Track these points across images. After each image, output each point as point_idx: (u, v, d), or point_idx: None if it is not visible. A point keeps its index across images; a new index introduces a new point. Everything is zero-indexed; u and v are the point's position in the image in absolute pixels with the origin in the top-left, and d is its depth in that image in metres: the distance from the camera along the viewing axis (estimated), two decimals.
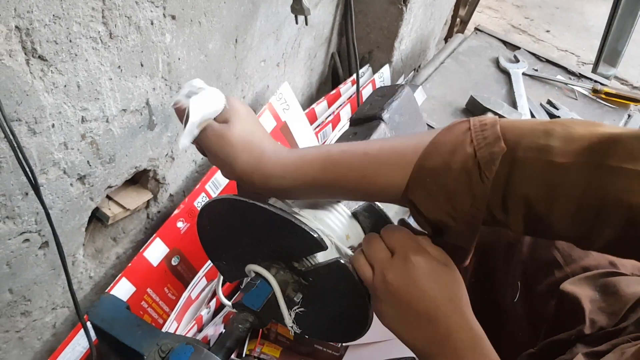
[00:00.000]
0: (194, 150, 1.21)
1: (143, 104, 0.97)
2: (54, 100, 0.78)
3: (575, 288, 0.82)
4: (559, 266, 0.89)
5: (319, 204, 0.72)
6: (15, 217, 0.82)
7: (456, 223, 0.59)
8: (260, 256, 0.71)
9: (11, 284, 0.89)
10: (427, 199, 0.59)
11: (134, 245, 1.19)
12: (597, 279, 0.83)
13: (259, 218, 0.66)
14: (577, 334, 0.78)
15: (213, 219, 0.73)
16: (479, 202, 0.57)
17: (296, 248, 0.67)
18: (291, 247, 0.67)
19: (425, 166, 0.59)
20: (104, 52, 0.83)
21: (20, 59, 0.70)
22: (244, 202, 0.66)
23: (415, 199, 0.60)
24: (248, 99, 1.36)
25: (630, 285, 0.80)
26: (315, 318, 0.72)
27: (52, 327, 1.05)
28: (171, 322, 1.11)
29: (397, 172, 0.61)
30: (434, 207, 0.59)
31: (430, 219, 0.60)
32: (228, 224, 0.72)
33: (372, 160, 0.63)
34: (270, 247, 0.69)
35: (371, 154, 0.63)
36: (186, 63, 1.03)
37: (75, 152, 0.87)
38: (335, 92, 1.65)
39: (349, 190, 0.65)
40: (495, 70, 1.79)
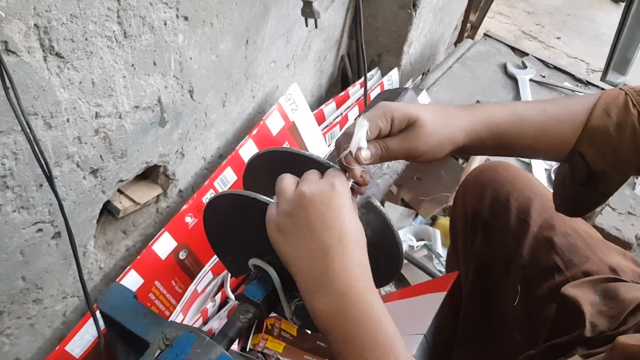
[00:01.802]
0: (203, 147, 1.25)
1: (155, 102, 1.00)
2: (70, 95, 0.81)
3: (576, 292, 0.83)
4: (560, 270, 0.90)
5: None
6: (30, 208, 0.86)
7: (615, 172, 0.73)
8: (264, 251, 0.74)
9: (24, 271, 0.92)
10: (595, 151, 0.73)
11: (143, 238, 1.22)
12: (598, 284, 0.84)
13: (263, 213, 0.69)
14: (577, 337, 0.79)
15: (218, 214, 0.75)
16: None
17: None
18: None
19: (594, 125, 0.72)
20: (119, 51, 0.86)
21: (38, 56, 0.73)
22: (248, 197, 0.68)
23: (584, 151, 0.73)
24: (258, 98, 1.39)
25: (631, 291, 0.80)
26: None
27: (62, 315, 1.08)
28: (177, 314, 1.14)
29: (570, 129, 0.73)
30: (600, 158, 0.73)
31: (594, 169, 0.73)
32: (233, 219, 0.74)
33: (550, 117, 0.74)
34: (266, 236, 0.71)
35: (549, 112, 0.74)
36: (198, 62, 1.06)
37: (89, 147, 0.90)
38: (344, 94, 1.68)
39: (526, 146, 0.75)
40: (503, 75, 1.81)
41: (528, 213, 0.98)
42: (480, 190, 1.06)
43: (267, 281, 0.70)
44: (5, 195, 0.80)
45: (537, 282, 0.92)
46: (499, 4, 3.28)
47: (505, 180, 1.05)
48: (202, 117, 1.17)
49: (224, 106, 1.24)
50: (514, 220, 0.99)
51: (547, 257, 0.92)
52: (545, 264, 0.92)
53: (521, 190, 1.02)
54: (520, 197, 1.01)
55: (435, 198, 1.96)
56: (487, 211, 1.03)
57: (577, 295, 0.82)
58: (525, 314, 0.94)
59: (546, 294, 0.90)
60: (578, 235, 0.93)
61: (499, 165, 1.10)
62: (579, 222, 0.97)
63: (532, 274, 0.93)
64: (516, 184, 1.03)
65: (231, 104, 1.27)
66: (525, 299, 0.94)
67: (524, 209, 0.99)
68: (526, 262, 0.94)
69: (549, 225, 0.95)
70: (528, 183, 1.04)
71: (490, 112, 0.73)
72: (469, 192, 1.10)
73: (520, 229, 0.97)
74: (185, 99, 1.09)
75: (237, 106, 1.30)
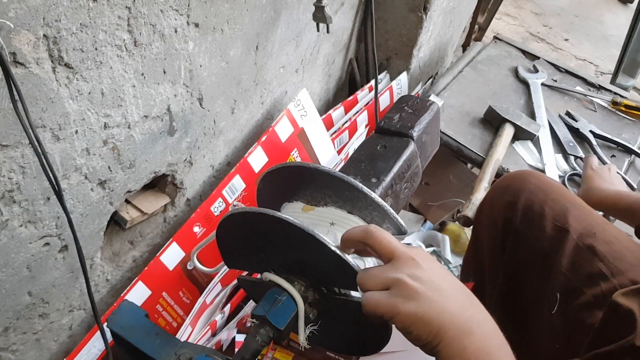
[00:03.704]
0: (211, 155, 1.22)
1: (164, 110, 0.98)
2: (78, 107, 0.79)
3: (627, 299, 0.81)
4: (605, 277, 0.89)
5: None
6: (37, 222, 0.83)
7: None
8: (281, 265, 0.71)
9: (30, 286, 0.89)
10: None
11: (151, 248, 1.19)
12: None
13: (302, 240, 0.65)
14: (627, 346, 0.76)
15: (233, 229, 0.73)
16: None
17: (333, 277, 0.67)
18: (327, 274, 0.67)
19: None
20: (128, 60, 0.83)
21: (47, 67, 0.71)
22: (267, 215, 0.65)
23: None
24: (267, 105, 1.37)
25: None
26: (330, 333, 0.72)
27: (68, 328, 1.05)
28: (186, 327, 1.11)
29: None
30: None
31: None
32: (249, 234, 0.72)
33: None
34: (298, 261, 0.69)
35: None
36: (207, 70, 1.04)
37: (97, 158, 0.88)
38: (352, 98, 1.65)
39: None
40: (514, 80, 1.78)
41: (566, 221, 0.97)
42: (512, 199, 1.05)
43: (291, 306, 0.67)
44: (12, 210, 0.77)
45: (579, 289, 0.91)
46: (506, 5, 3.25)
47: (538, 189, 1.04)
48: (211, 124, 1.15)
49: (233, 113, 1.22)
50: (551, 228, 0.98)
51: (590, 265, 0.91)
52: (588, 272, 0.91)
53: (556, 199, 1.01)
54: (556, 205, 1.00)
55: (444, 203, 1.94)
56: (519, 220, 1.02)
57: (629, 304, 0.80)
58: (563, 322, 0.92)
59: (590, 302, 0.89)
60: (620, 243, 0.92)
61: (530, 174, 1.09)
62: (619, 231, 0.96)
63: (573, 281, 0.91)
64: (550, 193, 1.03)
65: (240, 111, 1.24)
66: (565, 306, 0.92)
67: (561, 217, 0.98)
68: (566, 270, 0.93)
69: (590, 234, 0.94)
70: (562, 192, 1.04)
71: None
72: (497, 201, 1.09)
73: (558, 236, 0.96)
74: (195, 107, 1.06)
75: (246, 113, 1.28)
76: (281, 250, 0.69)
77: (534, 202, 1.01)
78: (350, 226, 0.71)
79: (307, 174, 0.71)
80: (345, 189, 0.70)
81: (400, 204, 0.87)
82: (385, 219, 0.71)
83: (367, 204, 0.70)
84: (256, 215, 0.65)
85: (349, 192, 0.70)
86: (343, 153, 1.52)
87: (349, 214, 0.72)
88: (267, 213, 0.64)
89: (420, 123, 0.87)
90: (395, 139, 0.86)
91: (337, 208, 0.73)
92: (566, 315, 0.91)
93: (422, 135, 0.88)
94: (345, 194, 0.70)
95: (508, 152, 1.49)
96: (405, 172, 0.84)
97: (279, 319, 0.66)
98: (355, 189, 0.68)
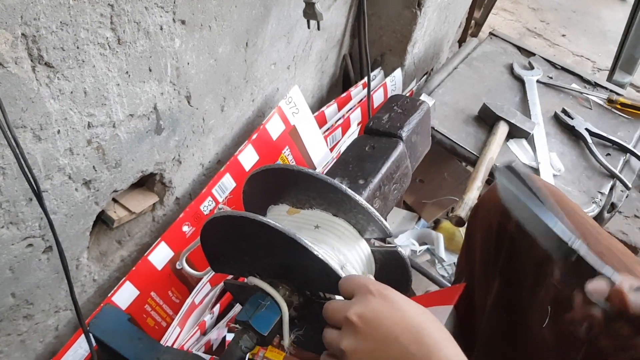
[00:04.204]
0: (201, 154, 1.20)
1: (151, 109, 0.96)
2: (60, 106, 0.77)
3: None
4: None
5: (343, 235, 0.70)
6: (19, 223, 0.82)
7: None
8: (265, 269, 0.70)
9: (14, 288, 0.88)
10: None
11: (139, 248, 1.18)
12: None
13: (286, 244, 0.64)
14: None
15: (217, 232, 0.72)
16: None
17: (317, 282, 0.66)
18: (311, 279, 0.66)
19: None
20: (112, 58, 0.82)
21: (27, 66, 0.69)
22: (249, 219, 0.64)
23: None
24: (257, 102, 1.35)
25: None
26: (316, 337, 0.71)
27: (54, 329, 1.04)
28: (174, 327, 1.10)
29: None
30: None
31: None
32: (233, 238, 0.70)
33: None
34: (282, 265, 0.68)
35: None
36: (195, 67, 1.02)
37: (81, 158, 0.86)
38: (346, 95, 1.63)
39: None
40: (509, 77, 1.76)
41: None
42: None
43: (275, 311, 0.66)
44: None
45: (571, 302, 0.89)
46: (503, 0, 3.23)
47: None
48: (199, 123, 1.13)
49: (223, 111, 1.20)
50: None
51: None
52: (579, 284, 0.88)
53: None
54: None
55: (438, 201, 1.93)
56: (514, 226, 0.99)
57: None
58: (555, 336, 0.90)
59: None
60: (613, 254, 0.89)
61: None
62: (612, 241, 0.93)
63: (564, 294, 0.89)
64: None
65: (230, 109, 1.23)
66: (556, 319, 0.90)
67: None
68: (558, 282, 0.90)
69: None
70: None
71: None
72: (493, 204, 1.06)
73: None
74: (183, 105, 1.04)
75: (236, 110, 1.26)
76: (265, 254, 0.68)
77: None
78: (335, 229, 0.70)
79: (291, 176, 0.70)
80: (329, 191, 0.68)
81: (390, 205, 0.86)
82: (370, 221, 0.69)
83: (351, 206, 0.69)
84: (238, 219, 0.64)
85: (333, 194, 0.69)
86: (335, 151, 1.51)
87: (334, 216, 0.71)
88: (248, 217, 0.62)
89: (409, 123, 0.86)
90: (384, 139, 0.85)
91: (323, 211, 0.71)
92: (557, 329, 0.89)
93: (412, 136, 0.86)
94: (330, 196, 0.69)
95: (502, 151, 1.48)
96: (394, 173, 0.83)
97: (263, 324, 0.65)
98: (339, 191, 0.67)
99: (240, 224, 0.65)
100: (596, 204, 1.43)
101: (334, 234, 0.69)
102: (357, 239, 0.71)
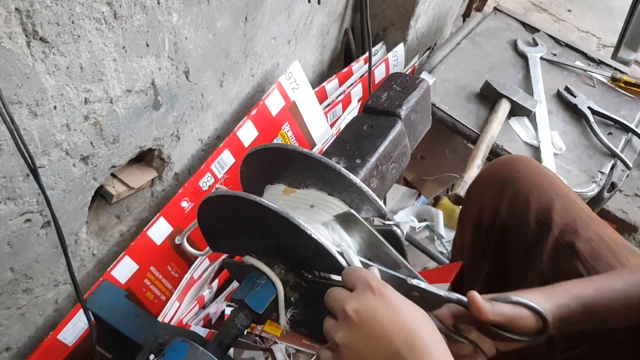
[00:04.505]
0: (200, 129, 1.20)
1: (148, 85, 0.95)
2: (56, 82, 0.76)
3: None
4: None
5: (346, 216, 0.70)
6: (17, 198, 0.82)
7: None
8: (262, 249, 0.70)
9: (12, 262, 0.89)
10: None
11: (138, 223, 1.18)
12: None
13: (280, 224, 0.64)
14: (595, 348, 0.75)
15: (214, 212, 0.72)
16: None
17: (313, 261, 0.66)
18: (306, 258, 0.66)
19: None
20: (108, 33, 0.81)
21: (21, 42, 0.68)
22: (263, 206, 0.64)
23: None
24: (257, 77, 1.34)
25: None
26: (312, 316, 0.71)
27: (54, 302, 1.05)
28: (172, 302, 1.11)
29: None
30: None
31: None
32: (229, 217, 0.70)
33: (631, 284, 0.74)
34: (277, 244, 0.68)
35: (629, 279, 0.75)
36: (194, 42, 1.01)
37: (78, 133, 0.86)
38: (347, 70, 1.61)
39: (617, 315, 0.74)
40: (513, 53, 1.74)
41: (549, 215, 0.93)
42: (499, 187, 1.01)
43: (270, 290, 0.66)
44: None
45: None
46: None
47: (525, 178, 0.99)
48: (198, 98, 1.12)
49: (222, 86, 1.19)
50: (534, 222, 0.94)
51: (569, 264, 0.88)
52: (566, 271, 0.87)
53: (542, 189, 0.96)
54: (541, 197, 0.95)
55: (439, 178, 1.93)
56: (505, 210, 0.98)
57: None
58: None
59: None
60: (602, 241, 0.88)
61: (518, 160, 1.04)
62: (603, 227, 0.92)
63: (551, 280, 0.88)
64: (537, 183, 0.98)
65: (229, 84, 1.22)
66: None
67: (545, 210, 0.94)
68: (546, 268, 0.90)
69: (572, 230, 0.90)
70: (549, 181, 0.98)
71: (575, 289, 0.72)
72: (486, 188, 1.05)
73: (540, 232, 0.92)
74: (181, 80, 1.03)
75: (235, 86, 1.25)
76: (260, 234, 0.68)
77: (520, 193, 0.97)
78: (330, 208, 0.70)
79: (286, 155, 0.70)
80: (324, 170, 0.68)
81: (388, 184, 0.85)
82: (365, 200, 0.69)
83: (346, 185, 0.69)
84: (232, 198, 0.64)
85: (327, 173, 0.68)
86: (336, 127, 1.50)
87: (329, 195, 0.71)
88: (242, 196, 0.62)
89: (408, 102, 0.85)
90: (382, 118, 0.84)
91: (318, 190, 0.71)
92: None
93: (411, 114, 0.86)
94: (324, 175, 0.69)
95: (503, 129, 1.47)
96: (392, 152, 0.82)
97: (258, 302, 0.66)
98: (333, 170, 0.67)
99: (235, 203, 0.65)
100: (596, 183, 1.43)
101: (328, 213, 0.69)
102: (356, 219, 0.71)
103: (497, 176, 1.04)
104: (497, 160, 1.09)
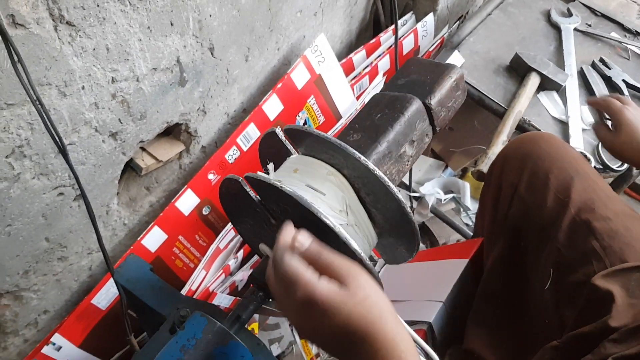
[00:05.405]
0: (226, 103, 1.22)
1: (174, 62, 0.98)
2: (83, 63, 0.79)
3: (606, 281, 0.80)
4: (598, 257, 0.86)
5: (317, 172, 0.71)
6: (49, 174, 0.86)
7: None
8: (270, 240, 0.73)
9: (47, 233, 0.94)
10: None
11: (167, 194, 1.23)
12: (632, 273, 0.80)
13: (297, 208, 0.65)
14: (601, 328, 0.76)
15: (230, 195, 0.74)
16: None
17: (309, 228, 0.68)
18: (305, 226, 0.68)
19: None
20: (133, 14, 0.83)
21: (48, 26, 0.71)
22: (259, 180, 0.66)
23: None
24: (283, 50, 1.35)
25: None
26: None
27: (88, 269, 1.11)
28: (199, 271, 1.16)
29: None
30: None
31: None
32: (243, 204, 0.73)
33: None
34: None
35: None
36: (218, 19, 1.02)
37: (106, 111, 0.89)
38: (375, 41, 1.60)
39: None
40: (546, 24, 1.69)
41: (568, 194, 0.93)
42: (520, 164, 1.01)
43: None
44: (24, 164, 0.80)
45: (573, 266, 0.88)
46: None
47: (546, 155, 0.99)
48: (223, 73, 1.14)
49: (247, 61, 1.20)
50: (552, 199, 0.94)
51: (585, 242, 0.88)
52: (582, 249, 0.88)
53: (562, 167, 0.97)
54: (561, 175, 0.96)
55: (466, 150, 1.92)
56: (524, 187, 0.99)
57: (608, 286, 0.78)
58: (555, 299, 0.91)
59: (581, 280, 0.86)
60: (619, 220, 0.88)
61: (541, 137, 1.04)
62: (622, 206, 0.92)
63: (567, 258, 0.88)
64: (558, 161, 0.98)
65: (254, 58, 1.23)
66: (558, 283, 0.90)
67: (564, 188, 0.94)
68: (562, 245, 0.90)
69: (589, 208, 0.90)
70: (571, 160, 0.98)
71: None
72: (507, 164, 1.05)
73: (558, 209, 0.93)
74: (206, 57, 1.05)
75: (260, 60, 1.26)
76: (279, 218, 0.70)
77: (540, 170, 0.98)
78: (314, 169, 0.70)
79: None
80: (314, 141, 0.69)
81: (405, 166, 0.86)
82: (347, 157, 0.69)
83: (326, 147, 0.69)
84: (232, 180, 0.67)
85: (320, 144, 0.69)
86: (362, 99, 1.50)
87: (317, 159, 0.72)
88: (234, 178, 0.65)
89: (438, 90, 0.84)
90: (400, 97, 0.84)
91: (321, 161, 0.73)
92: (558, 292, 0.89)
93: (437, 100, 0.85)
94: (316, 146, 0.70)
95: (531, 103, 1.45)
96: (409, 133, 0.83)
97: None
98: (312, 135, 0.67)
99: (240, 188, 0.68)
100: None
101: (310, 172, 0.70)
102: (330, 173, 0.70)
103: (519, 152, 1.04)
104: (520, 137, 1.09)
